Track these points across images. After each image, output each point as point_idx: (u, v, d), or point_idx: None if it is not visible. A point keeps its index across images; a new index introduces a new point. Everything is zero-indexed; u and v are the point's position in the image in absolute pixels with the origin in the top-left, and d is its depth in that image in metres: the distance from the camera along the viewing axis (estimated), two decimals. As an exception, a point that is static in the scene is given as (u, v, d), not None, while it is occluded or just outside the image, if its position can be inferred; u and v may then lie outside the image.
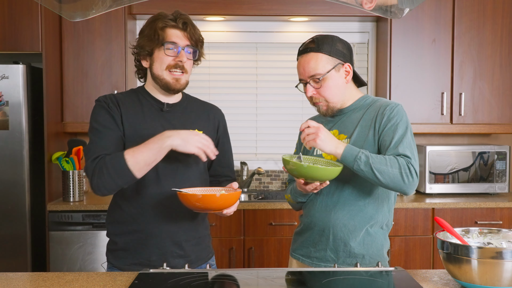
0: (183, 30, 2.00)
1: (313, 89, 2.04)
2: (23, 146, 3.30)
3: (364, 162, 1.88)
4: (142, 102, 2.06)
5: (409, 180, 1.90)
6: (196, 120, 2.12)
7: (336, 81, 2.04)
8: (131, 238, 2.01)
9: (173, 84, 2.01)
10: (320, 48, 2.02)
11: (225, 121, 2.23)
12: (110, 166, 1.86)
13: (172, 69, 2.00)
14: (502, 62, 3.71)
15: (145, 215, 1.99)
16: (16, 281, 1.77)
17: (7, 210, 3.30)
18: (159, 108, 2.06)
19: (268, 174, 4.07)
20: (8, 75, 3.28)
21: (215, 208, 1.84)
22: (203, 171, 2.12)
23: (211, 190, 1.96)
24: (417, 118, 3.69)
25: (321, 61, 2.01)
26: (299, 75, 2.09)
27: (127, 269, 1.99)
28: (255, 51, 4.07)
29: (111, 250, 2.06)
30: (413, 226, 3.45)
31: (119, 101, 2.02)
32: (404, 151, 1.93)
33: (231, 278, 1.79)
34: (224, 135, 2.20)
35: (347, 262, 2.03)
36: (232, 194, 1.85)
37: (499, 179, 3.69)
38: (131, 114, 2.01)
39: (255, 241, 3.43)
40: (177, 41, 1.99)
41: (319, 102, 2.06)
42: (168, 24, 1.99)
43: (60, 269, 3.35)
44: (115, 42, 3.60)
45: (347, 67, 2.06)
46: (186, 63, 2.02)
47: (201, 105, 2.19)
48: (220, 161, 2.16)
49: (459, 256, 1.58)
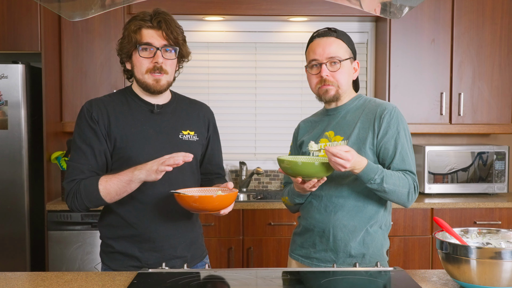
0: (158, 29, 1.93)
1: (328, 71, 2.05)
2: (22, 146, 3.30)
3: (377, 184, 1.92)
4: (131, 104, 2.02)
5: (412, 198, 2.01)
6: (186, 120, 2.08)
7: (348, 70, 2.09)
8: (128, 242, 1.99)
9: (153, 86, 1.97)
10: (340, 36, 2.08)
11: (214, 119, 2.20)
12: (83, 192, 1.90)
13: (152, 72, 1.95)
14: (501, 62, 3.71)
15: (142, 219, 1.97)
16: (15, 281, 1.77)
17: (6, 210, 3.30)
18: (149, 110, 2.02)
19: (267, 174, 4.07)
20: (7, 75, 3.28)
21: (212, 209, 1.84)
22: (196, 171, 2.11)
23: (208, 190, 1.96)
24: (416, 118, 3.69)
25: (342, 48, 2.07)
26: (314, 55, 2.07)
27: (124, 270, 1.97)
28: (254, 51, 4.07)
29: (107, 252, 2.03)
30: (412, 226, 3.46)
31: (107, 106, 1.99)
32: (410, 167, 2.01)
33: (230, 278, 1.78)
34: (214, 133, 2.18)
35: (347, 262, 2.03)
36: (228, 195, 1.86)
37: (498, 179, 3.69)
38: (120, 119, 1.97)
39: (254, 241, 3.43)
40: (152, 41, 1.93)
41: (331, 84, 2.06)
42: (143, 25, 1.92)
43: (59, 268, 3.35)
44: (114, 42, 3.59)
45: (356, 64, 2.13)
46: (165, 64, 1.95)
47: (191, 104, 2.15)
48: (210, 159, 2.16)
49: (458, 256, 1.58)
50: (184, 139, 2.03)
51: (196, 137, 2.07)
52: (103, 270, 2.03)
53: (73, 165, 1.95)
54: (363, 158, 1.91)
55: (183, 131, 2.04)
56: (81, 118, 1.98)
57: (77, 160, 1.95)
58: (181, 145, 2.01)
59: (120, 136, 1.95)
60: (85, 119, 1.96)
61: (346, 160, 1.82)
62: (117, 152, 1.96)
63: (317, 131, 2.14)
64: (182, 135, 2.04)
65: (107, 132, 1.95)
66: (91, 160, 1.94)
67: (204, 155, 2.15)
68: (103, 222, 2.04)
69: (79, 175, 1.93)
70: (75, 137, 1.97)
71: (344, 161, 1.81)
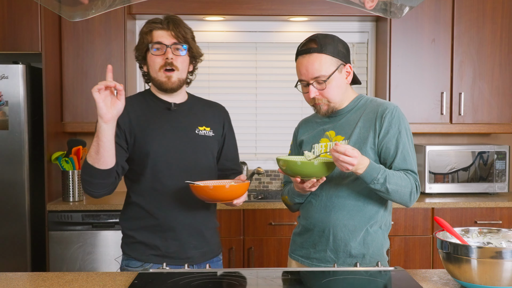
0: (168, 29, 2.07)
1: (316, 90, 2.03)
2: (23, 146, 3.30)
3: (380, 184, 1.91)
4: (149, 103, 2.14)
5: (414, 198, 2.00)
6: (202, 117, 2.19)
7: (338, 82, 2.03)
8: (149, 232, 2.08)
9: (164, 83, 2.08)
10: (323, 49, 2.00)
11: (229, 117, 2.30)
12: (82, 171, 1.97)
13: (164, 68, 2.07)
14: (502, 62, 3.71)
15: (162, 209, 2.08)
16: (16, 281, 1.77)
17: (6, 210, 3.30)
18: (166, 108, 2.13)
19: (267, 174, 4.07)
20: (7, 75, 3.28)
21: (225, 198, 1.95)
22: (213, 166, 2.19)
23: (221, 182, 2.06)
24: (416, 118, 3.69)
25: (325, 63, 2.00)
26: (300, 75, 2.07)
27: (145, 259, 2.08)
28: (254, 51, 4.07)
29: (128, 243, 2.13)
30: (412, 225, 3.46)
31: (127, 105, 2.06)
32: (411, 166, 2.00)
33: (230, 278, 1.79)
34: (229, 131, 2.28)
35: (347, 262, 2.02)
36: (240, 185, 1.96)
37: (498, 179, 3.69)
38: (139, 116, 2.09)
39: (255, 241, 3.43)
40: (162, 40, 2.06)
41: (320, 103, 2.05)
42: (154, 27, 2.08)
43: (60, 269, 3.35)
44: (114, 42, 3.60)
45: (348, 68, 2.06)
46: (176, 60, 2.07)
47: (206, 104, 2.27)
48: (226, 155, 2.26)
49: (459, 255, 1.58)
50: (200, 134, 2.14)
51: (212, 133, 2.18)
52: (124, 261, 2.13)
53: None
54: (366, 158, 1.91)
55: (199, 127, 2.15)
56: None
57: None
58: (197, 140, 2.13)
59: (140, 133, 2.07)
60: None
61: (354, 157, 1.82)
62: (137, 147, 2.08)
63: (317, 130, 2.14)
64: (199, 131, 2.14)
65: (128, 129, 2.07)
66: None
67: (220, 151, 2.25)
68: (125, 216, 2.15)
69: None
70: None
71: (351, 158, 1.81)
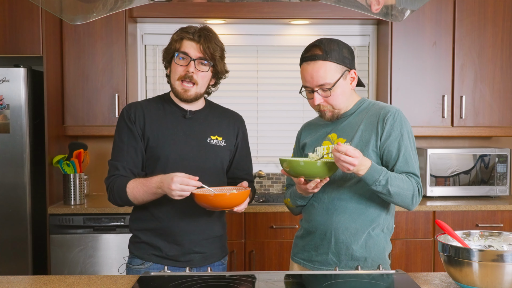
0: (197, 42, 2.08)
1: (321, 97, 2.02)
2: (24, 149, 3.30)
3: (382, 186, 1.91)
4: (166, 109, 2.17)
5: (417, 201, 1.99)
6: (217, 127, 2.21)
7: (343, 89, 2.03)
8: (153, 234, 2.14)
9: (181, 94, 2.12)
10: (328, 56, 1.98)
11: (245, 127, 2.32)
12: (115, 191, 2.08)
13: (183, 80, 2.09)
14: (503, 65, 3.70)
15: (166, 214, 2.13)
16: (17, 285, 1.77)
17: (8, 213, 3.30)
18: (182, 115, 2.16)
19: (269, 177, 4.07)
20: (9, 79, 3.28)
21: (226, 206, 1.97)
22: (222, 174, 2.22)
23: (223, 189, 2.07)
24: (418, 121, 3.69)
25: (330, 70, 1.99)
26: (305, 82, 2.06)
27: (146, 258, 2.14)
28: (255, 54, 4.07)
29: (134, 242, 2.19)
30: (414, 229, 3.45)
31: (144, 109, 2.16)
32: (413, 169, 2.00)
33: (231, 281, 1.78)
34: (243, 141, 2.29)
35: (349, 265, 2.02)
36: (241, 193, 1.97)
37: (500, 182, 3.69)
38: (154, 121, 2.14)
39: (256, 244, 3.42)
40: (189, 52, 2.08)
41: (325, 109, 2.05)
42: (185, 36, 2.08)
43: (61, 272, 3.34)
44: (116, 45, 3.60)
45: (352, 73, 2.06)
46: (197, 75, 2.09)
47: (223, 112, 2.29)
48: (237, 165, 2.28)
49: (460, 259, 1.58)
50: (211, 144, 2.17)
51: (223, 143, 2.20)
52: (130, 259, 2.19)
53: (110, 162, 2.15)
54: (368, 159, 1.90)
55: (212, 136, 2.18)
56: (121, 119, 2.16)
57: (114, 158, 2.14)
58: (208, 149, 2.16)
59: (152, 136, 2.12)
60: (123, 120, 2.15)
61: (355, 158, 1.82)
62: (149, 151, 2.13)
63: (320, 133, 2.14)
64: (210, 140, 2.17)
65: (142, 132, 2.13)
66: (127, 157, 2.12)
67: (232, 161, 2.27)
68: (133, 216, 2.22)
69: (114, 172, 2.12)
70: (115, 137, 2.17)
71: (352, 158, 1.82)
